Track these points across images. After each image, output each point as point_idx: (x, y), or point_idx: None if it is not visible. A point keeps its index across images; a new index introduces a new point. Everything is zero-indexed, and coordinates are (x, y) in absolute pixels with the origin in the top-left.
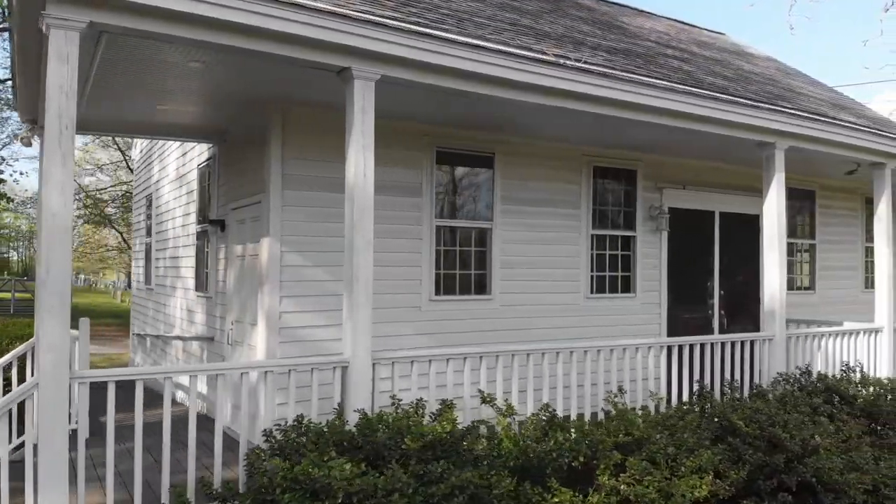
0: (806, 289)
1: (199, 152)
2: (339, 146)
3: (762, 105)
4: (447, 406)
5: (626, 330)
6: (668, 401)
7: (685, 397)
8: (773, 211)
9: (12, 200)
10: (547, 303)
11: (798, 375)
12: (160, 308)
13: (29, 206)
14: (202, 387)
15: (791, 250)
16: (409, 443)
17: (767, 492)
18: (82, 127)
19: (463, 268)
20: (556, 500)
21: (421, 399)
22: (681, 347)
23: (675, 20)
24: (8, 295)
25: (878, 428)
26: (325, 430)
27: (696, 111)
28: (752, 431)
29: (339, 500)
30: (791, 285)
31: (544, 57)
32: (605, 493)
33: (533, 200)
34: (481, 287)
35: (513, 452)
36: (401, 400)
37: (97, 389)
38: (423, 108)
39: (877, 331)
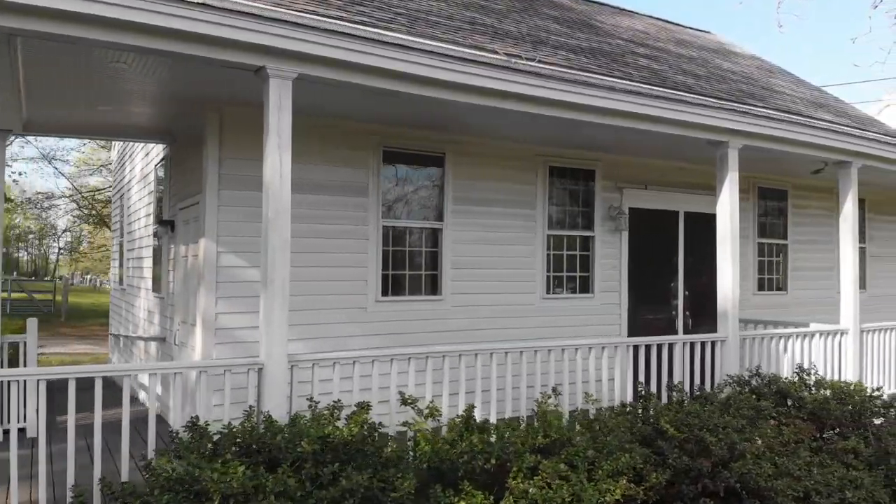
0: (778, 289)
1: (158, 153)
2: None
3: (714, 104)
4: (362, 408)
5: (584, 331)
6: (626, 402)
7: (631, 398)
8: (726, 210)
9: (11, 201)
10: (502, 303)
11: (748, 377)
12: (129, 308)
13: (28, 206)
14: (160, 388)
15: (762, 250)
16: (304, 445)
17: (691, 497)
18: (28, 128)
19: (413, 268)
20: (464, 502)
21: (339, 401)
22: (631, 347)
23: (659, 19)
24: (24, 296)
25: (826, 432)
26: (224, 432)
27: (645, 111)
28: (679, 435)
29: (216, 502)
30: (762, 286)
31: (483, 57)
32: (515, 496)
33: (486, 200)
34: (433, 288)
35: (426, 455)
36: (318, 402)
37: (60, 390)
38: (368, 108)
39: (842, 332)
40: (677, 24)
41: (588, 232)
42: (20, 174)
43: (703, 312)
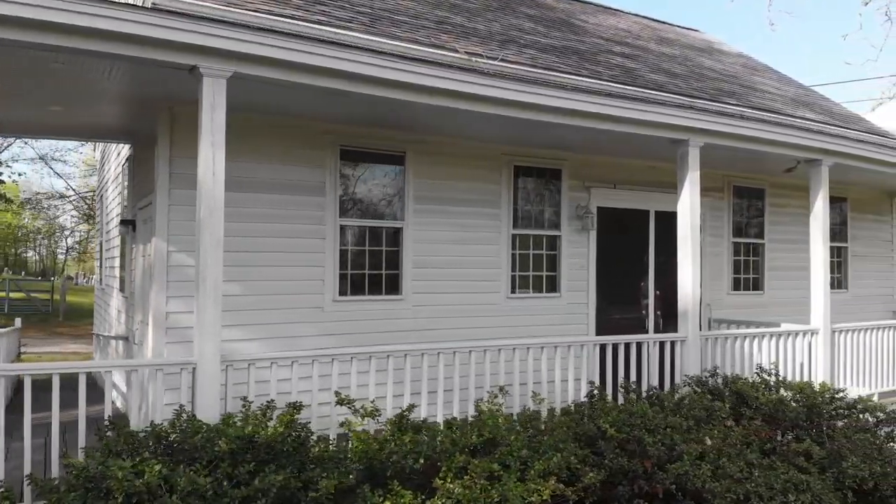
0: (755, 289)
1: (126, 153)
2: (233, 146)
3: (675, 101)
4: (295, 408)
5: (551, 330)
6: (580, 402)
7: (586, 398)
8: (686, 209)
9: (12, 202)
10: (465, 303)
11: (706, 378)
12: (105, 307)
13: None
14: (125, 386)
15: (738, 250)
16: (222, 445)
17: (626, 498)
18: None
19: (373, 268)
20: (389, 503)
21: (272, 401)
22: (587, 347)
23: (645, 17)
24: (22, 295)
25: (786, 434)
26: (148, 430)
27: (605, 111)
28: (619, 435)
29: (120, 500)
30: (738, 286)
31: (440, 56)
32: (441, 496)
33: (449, 200)
34: (393, 287)
35: (357, 454)
36: (251, 402)
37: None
38: (324, 107)
39: (812, 332)
40: (664, 23)
41: (555, 231)
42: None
43: (675, 312)
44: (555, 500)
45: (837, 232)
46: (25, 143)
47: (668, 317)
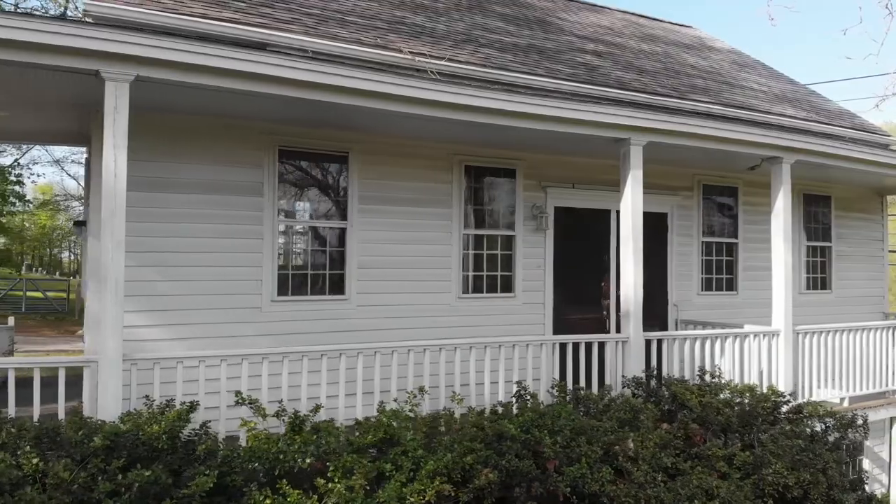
0: (728, 290)
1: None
2: (166, 147)
3: (616, 96)
4: (190, 407)
5: (507, 330)
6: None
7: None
8: (629, 209)
9: (31, 202)
10: (414, 303)
11: (643, 379)
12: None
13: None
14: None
15: (710, 250)
16: (97, 441)
17: (522, 500)
18: None
19: (318, 268)
20: (268, 500)
21: (172, 400)
22: (517, 347)
23: (635, 14)
24: (39, 294)
25: (720, 437)
26: (36, 426)
27: (538, 111)
28: (521, 436)
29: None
30: (710, 286)
31: (380, 56)
32: (326, 495)
33: (397, 199)
34: (338, 287)
35: (247, 454)
36: (154, 401)
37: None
38: (258, 109)
39: (773, 334)
40: (655, 20)
41: (509, 231)
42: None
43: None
44: (444, 501)
45: (821, 231)
46: (45, 148)
47: None
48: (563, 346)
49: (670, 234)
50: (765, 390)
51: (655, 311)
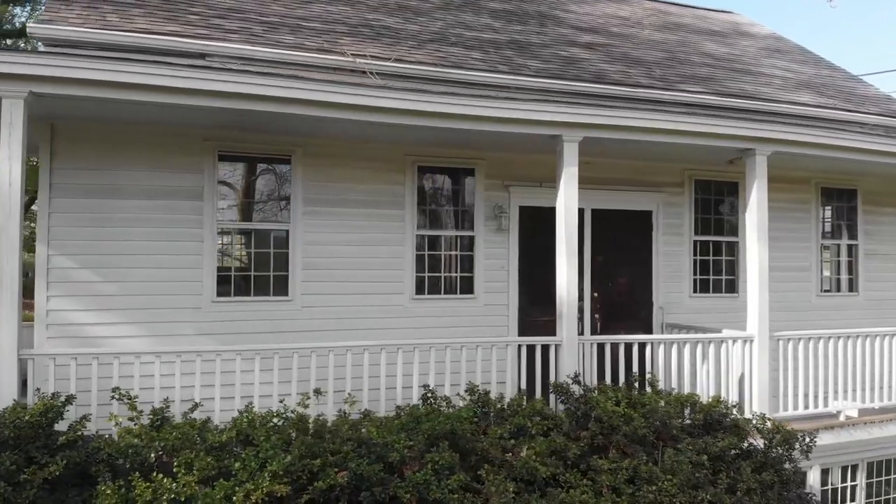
0: (729, 292)
1: None
2: (108, 156)
3: (549, 86)
4: (66, 401)
5: (466, 332)
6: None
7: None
8: (562, 209)
9: None
10: (363, 304)
11: (567, 384)
12: None
13: None
14: None
15: (706, 249)
16: None
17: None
18: None
19: (261, 269)
20: (109, 490)
21: (56, 394)
22: (432, 349)
23: (664, 2)
24: None
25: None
26: None
27: (471, 111)
28: (381, 440)
29: None
30: (706, 288)
31: (308, 59)
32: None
33: (344, 201)
34: (282, 288)
35: (106, 446)
36: (45, 394)
37: None
38: (192, 116)
39: (747, 340)
40: (687, 7)
41: (468, 232)
42: None
43: (619, 315)
44: (282, 502)
45: (845, 228)
46: None
47: (612, 319)
48: (518, 348)
49: (655, 232)
50: (707, 400)
51: (638, 315)
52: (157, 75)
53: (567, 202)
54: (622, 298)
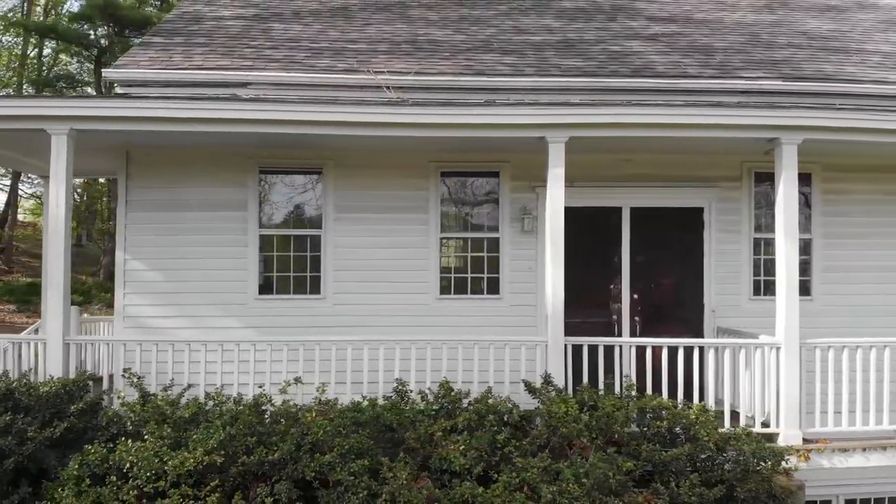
0: (802, 294)
1: None
2: (169, 176)
3: (528, 86)
4: (90, 377)
5: (491, 331)
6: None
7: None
8: (548, 210)
9: None
10: (389, 302)
11: (540, 384)
12: None
13: None
14: None
15: (770, 248)
16: None
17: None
18: None
19: (299, 270)
20: (93, 450)
21: (85, 371)
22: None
23: None
24: None
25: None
26: None
27: (452, 120)
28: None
29: None
30: (768, 290)
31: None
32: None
33: (370, 207)
34: (315, 287)
35: (106, 418)
36: (85, 371)
37: None
38: (235, 139)
39: (773, 347)
40: None
41: (493, 234)
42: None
43: (662, 317)
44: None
45: None
46: None
47: (653, 321)
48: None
49: (707, 230)
50: (692, 409)
51: (687, 317)
52: (172, 108)
53: (553, 203)
54: (666, 300)
